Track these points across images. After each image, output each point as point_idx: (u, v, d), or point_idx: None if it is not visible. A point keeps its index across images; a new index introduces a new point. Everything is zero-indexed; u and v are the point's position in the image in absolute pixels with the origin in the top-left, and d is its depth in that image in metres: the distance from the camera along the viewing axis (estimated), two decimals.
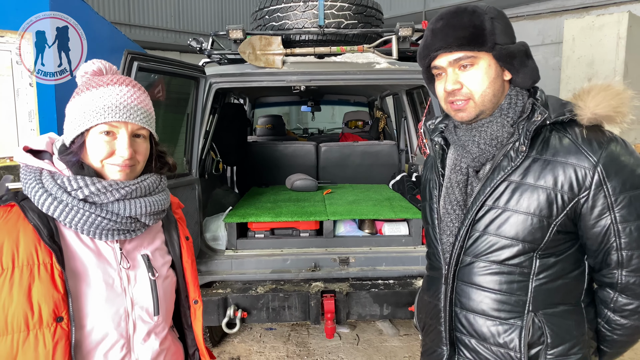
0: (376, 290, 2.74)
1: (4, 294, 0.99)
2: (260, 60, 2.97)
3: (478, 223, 1.17)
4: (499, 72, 1.15)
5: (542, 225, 1.10)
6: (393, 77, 3.07)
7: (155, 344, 1.19)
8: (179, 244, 1.29)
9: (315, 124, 8.65)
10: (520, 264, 1.14)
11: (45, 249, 1.02)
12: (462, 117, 1.17)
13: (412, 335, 3.66)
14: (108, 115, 1.05)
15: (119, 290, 1.12)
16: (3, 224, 1.03)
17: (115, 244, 1.14)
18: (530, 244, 1.12)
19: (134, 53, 2.23)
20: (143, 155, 1.13)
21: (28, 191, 1.06)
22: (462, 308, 1.23)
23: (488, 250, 1.16)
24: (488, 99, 1.14)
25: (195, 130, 2.90)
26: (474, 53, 1.12)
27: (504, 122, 1.16)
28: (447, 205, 1.24)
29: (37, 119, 3.63)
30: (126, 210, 1.08)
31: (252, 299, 2.70)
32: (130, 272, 1.15)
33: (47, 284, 1.01)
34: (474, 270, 1.19)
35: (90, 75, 1.13)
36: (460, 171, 1.24)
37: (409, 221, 3.13)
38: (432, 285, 1.35)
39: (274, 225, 3.11)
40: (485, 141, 1.17)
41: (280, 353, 3.42)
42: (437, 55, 1.15)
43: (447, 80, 1.15)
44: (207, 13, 12.97)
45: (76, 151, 1.08)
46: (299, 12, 3.24)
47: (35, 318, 1.00)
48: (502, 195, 1.14)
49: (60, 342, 1.01)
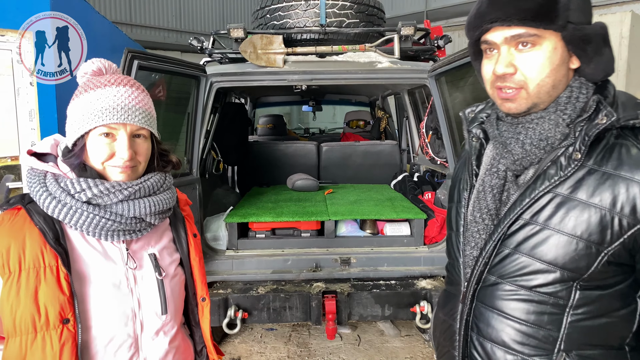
0: (378, 291, 2.73)
1: (12, 296, 1.01)
2: (261, 59, 2.96)
3: (510, 239, 0.99)
4: (565, 57, 0.94)
5: (589, 252, 0.91)
6: (395, 77, 3.06)
7: (164, 342, 1.19)
8: (187, 242, 1.30)
9: (317, 124, 8.65)
10: (555, 293, 0.95)
11: (51, 252, 1.03)
12: (510, 108, 0.98)
13: (413, 336, 3.65)
14: (106, 117, 1.05)
15: (126, 291, 1.13)
16: (10, 227, 1.04)
17: (122, 245, 1.14)
18: (570, 273, 0.93)
19: (134, 52, 2.22)
20: (144, 155, 1.13)
21: (33, 194, 1.07)
22: (480, 334, 1.06)
23: (517, 272, 0.98)
24: (545, 91, 0.95)
25: (196, 129, 2.89)
26: (539, 31, 0.91)
27: (558, 120, 0.95)
28: (476, 212, 1.07)
29: (37, 118, 3.63)
30: (130, 210, 1.09)
31: (253, 300, 2.69)
32: (137, 272, 1.16)
33: (53, 286, 1.02)
34: (498, 292, 1.01)
35: (90, 76, 1.12)
36: (496, 174, 1.05)
37: (410, 221, 3.12)
38: (448, 302, 1.18)
39: (275, 225, 3.11)
40: (532, 141, 0.97)
41: (281, 354, 3.40)
42: (492, 28, 0.95)
43: (498, 60, 0.96)
44: (209, 12, 12.97)
45: (78, 153, 1.08)
46: (300, 10, 3.23)
47: (42, 320, 1.01)
48: (543, 209, 0.95)
49: (67, 343, 1.03)
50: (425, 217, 3.06)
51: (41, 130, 3.62)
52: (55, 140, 1.17)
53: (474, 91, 2.39)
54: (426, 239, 3.07)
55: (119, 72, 1.17)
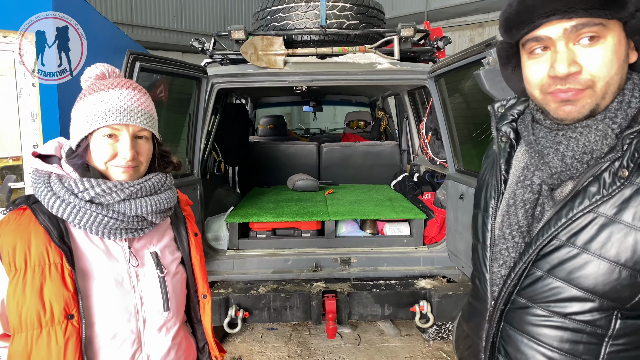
0: (377, 291, 2.75)
1: (18, 293, 1.04)
2: (262, 60, 2.98)
3: (542, 260, 0.89)
4: (627, 51, 0.83)
5: (633, 281, 0.81)
6: (394, 78, 3.08)
7: (166, 339, 1.22)
8: (188, 240, 1.33)
9: (317, 124, 8.67)
10: (593, 322, 0.86)
11: (56, 250, 1.06)
12: (571, 112, 0.84)
13: (413, 336, 3.66)
14: (109, 118, 1.08)
15: (128, 288, 1.16)
16: (15, 226, 1.07)
17: (124, 243, 1.17)
18: (611, 302, 0.83)
19: (136, 53, 2.25)
20: (146, 155, 1.16)
21: (38, 194, 1.09)
22: (508, 358, 0.98)
23: (551, 297, 0.89)
24: (612, 90, 0.82)
25: (197, 130, 2.91)
26: (604, 21, 0.79)
27: (607, 131, 0.83)
28: (506, 228, 0.97)
29: (39, 119, 3.65)
30: (132, 209, 1.12)
31: (254, 299, 2.71)
32: (139, 269, 1.18)
33: (58, 283, 1.05)
34: (528, 317, 0.93)
35: (93, 79, 1.15)
36: (530, 187, 0.94)
37: (410, 221, 3.14)
38: (473, 318, 1.09)
39: (275, 225, 3.13)
40: (574, 154, 0.86)
41: (282, 353, 3.42)
42: (548, 22, 0.81)
43: (557, 59, 0.82)
44: (209, 13, 13.01)
45: (81, 154, 1.11)
46: (300, 12, 3.24)
47: (47, 316, 1.04)
48: (582, 230, 0.84)
49: (72, 338, 1.06)
50: (424, 218, 3.08)
51: (43, 131, 3.64)
52: (59, 142, 1.20)
53: (473, 92, 2.40)
54: (426, 239, 3.09)
55: (122, 76, 1.20)
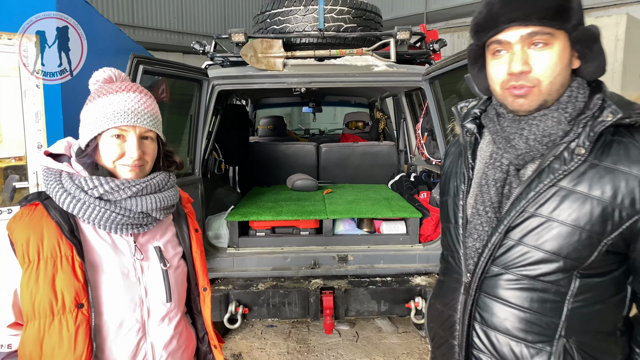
0: (374, 287, 2.80)
1: (31, 283, 1.10)
2: (261, 62, 3.04)
3: (514, 230, 1.02)
4: (570, 57, 0.99)
5: (590, 242, 0.96)
6: (391, 80, 3.14)
7: (169, 328, 1.29)
8: (189, 236, 1.39)
9: (317, 125, 8.70)
10: (557, 281, 0.99)
11: (67, 243, 1.12)
12: (522, 104, 1.00)
13: (410, 333, 3.72)
14: (118, 120, 1.15)
15: (134, 280, 1.23)
16: (29, 220, 1.13)
17: (130, 237, 1.24)
18: (572, 262, 0.97)
19: (140, 57, 2.32)
20: (151, 155, 1.23)
21: (50, 191, 1.16)
22: (483, 323, 1.08)
23: (521, 262, 1.02)
24: (555, 89, 0.99)
25: (199, 131, 2.97)
26: (553, 30, 0.95)
27: (560, 118, 1.00)
28: (479, 205, 1.09)
29: (43, 119, 3.70)
30: (138, 206, 1.18)
31: (253, 296, 2.77)
32: (143, 262, 1.25)
33: (69, 274, 1.11)
34: (501, 282, 1.05)
35: (101, 83, 1.22)
36: (499, 168, 1.07)
37: (406, 220, 3.19)
38: (446, 293, 1.20)
39: (274, 223, 3.18)
40: (535, 137, 1.01)
41: (281, 349, 3.48)
42: (507, 27, 0.97)
43: (513, 59, 0.98)
44: (210, 14, 13.05)
45: (91, 153, 1.18)
46: (299, 15, 3.30)
47: (59, 305, 1.11)
48: (547, 202, 0.98)
49: (82, 326, 1.12)
50: (420, 216, 3.13)
51: (47, 131, 3.69)
52: (69, 142, 1.26)
53: (466, 94, 2.47)
54: (421, 237, 3.14)
55: (128, 80, 1.26)
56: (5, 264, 1.14)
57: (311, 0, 3.29)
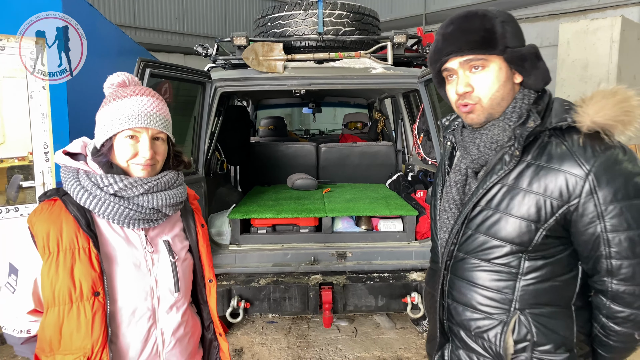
0: (371, 283, 2.88)
1: (52, 273, 1.19)
2: (262, 65, 3.13)
3: (471, 222, 1.20)
4: (509, 75, 1.15)
5: (530, 229, 1.11)
6: (388, 82, 3.22)
7: (177, 316, 1.38)
8: (195, 231, 1.48)
9: (317, 125, 8.77)
10: (508, 263, 1.15)
11: (84, 236, 1.21)
12: (472, 119, 1.18)
13: (407, 329, 3.79)
14: (132, 122, 1.23)
15: (145, 271, 1.31)
16: (48, 215, 1.22)
17: (141, 232, 1.32)
18: (518, 246, 1.13)
19: (147, 61, 2.41)
20: (162, 155, 1.31)
21: (68, 187, 1.25)
22: (454, 300, 1.27)
23: (478, 248, 1.19)
24: (497, 103, 1.15)
25: (202, 131, 3.06)
26: (485, 56, 1.13)
27: (505, 127, 1.16)
28: (445, 203, 1.29)
29: (49, 120, 3.77)
30: (149, 202, 1.27)
31: (255, 291, 2.85)
32: (154, 255, 1.34)
33: (86, 264, 1.20)
34: (465, 266, 1.23)
35: (116, 87, 1.30)
36: (459, 171, 1.27)
37: (403, 218, 3.27)
38: (432, 278, 1.43)
39: (275, 221, 3.26)
40: (485, 144, 1.18)
41: (282, 344, 3.55)
42: (449, 59, 1.16)
43: (458, 82, 1.17)
44: (211, 16, 13.11)
45: (106, 153, 1.26)
46: (299, 19, 3.39)
47: (77, 293, 1.19)
48: (494, 197, 1.15)
49: (98, 312, 1.21)
50: (416, 214, 3.21)
51: (53, 131, 3.76)
52: (84, 141, 1.35)
53: None
54: (418, 234, 3.21)
55: (140, 84, 1.35)
56: (25, 256, 1.23)
57: (311, 4, 3.38)
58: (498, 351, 1.18)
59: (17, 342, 1.32)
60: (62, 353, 1.22)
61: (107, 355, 1.21)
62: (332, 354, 3.41)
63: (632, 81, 6.40)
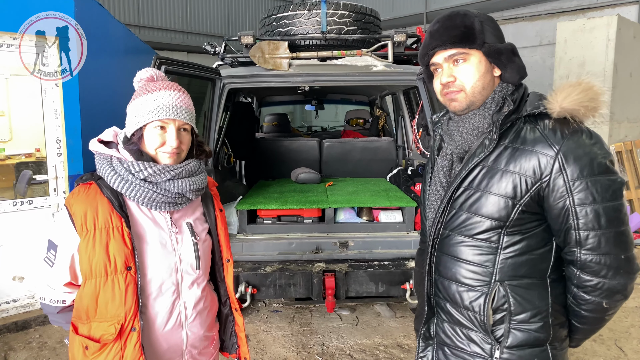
0: (372, 270, 3.01)
1: (89, 248, 1.31)
2: (268, 63, 3.26)
3: (456, 201, 1.29)
4: (488, 68, 1.26)
5: (507, 205, 1.21)
6: (388, 79, 3.34)
7: (197, 291, 1.50)
8: (215, 215, 1.59)
9: (320, 122, 8.86)
10: (489, 239, 1.25)
11: (117, 216, 1.33)
12: (455, 106, 1.28)
13: (407, 318, 3.88)
14: (161, 114, 1.35)
15: (170, 249, 1.43)
16: (85, 197, 1.35)
17: (167, 214, 1.44)
18: (497, 222, 1.22)
19: (162, 58, 2.55)
20: (187, 144, 1.43)
21: (102, 173, 1.37)
22: (440, 275, 1.36)
23: (462, 225, 1.28)
24: (478, 91, 1.26)
25: (212, 126, 3.19)
26: (466, 50, 1.24)
27: (485, 115, 1.26)
28: (433, 186, 1.39)
29: (62, 116, 3.89)
30: (175, 187, 1.38)
31: (261, 277, 2.99)
32: (178, 235, 1.46)
33: (120, 241, 1.32)
34: (451, 242, 1.31)
35: (145, 81, 1.43)
36: (445, 157, 1.37)
37: (403, 209, 3.39)
38: (420, 257, 1.53)
39: (280, 212, 3.38)
40: (467, 131, 1.29)
41: (286, 332, 3.65)
42: (434, 53, 1.28)
43: (442, 74, 1.28)
44: (214, 14, 13.18)
45: (136, 142, 1.38)
46: (303, 19, 3.51)
47: (112, 267, 1.32)
48: (476, 177, 1.25)
49: (130, 285, 1.34)
50: (415, 206, 3.33)
51: (66, 127, 3.87)
52: (115, 131, 1.47)
53: None
54: (416, 225, 3.33)
55: (166, 79, 1.47)
56: (63, 233, 1.35)
57: (315, 5, 3.50)
58: (482, 320, 1.27)
59: (54, 311, 1.45)
60: (98, 320, 1.35)
61: (138, 324, 1.34)
62: (334, 340, 3.51)
63: (628, 79, 6.51)
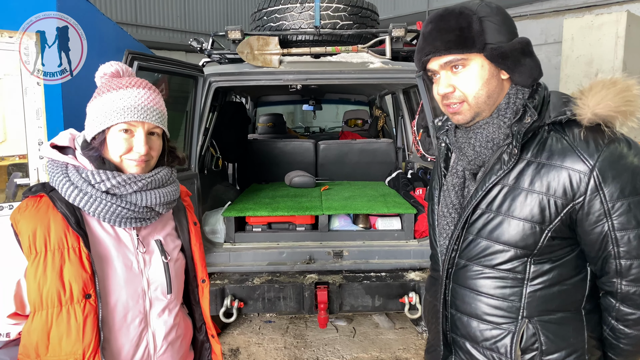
0: (368, 282, 2.83)
1: (39, 274, 1.11)
2: (257, 59, 3.07)
3: (472, 226, 1.14)
4: (493, 72, 1.09)
5: (534, 231, 1.05)
6: (386, 77, 3.16)
7: (169, 319, 1.32)
8: (188, 229, 1.41)
9: (320, 123, 8.74)
10: (513, 269, 1.10)
11: (74, 234, 1.13)
12: (459, 119, 1.13)
13: (407, 329, 3.74)
14: (127, 115, 1.16)
15: (137, 272, 1.25)
16: (35, 212, 1.14)
17: (133, 231, 1.26)
18: (523, 250, 1.08)
19: (135, 53, 2.35)
20: (157, 150, 1.24)
21: (55, 183, 1.17)
22: (457, 310, 1.20)
23: (481, 254, 1.13)
24: (482, 101, 1.09)
25: (195, 127, 3.01)
26: (464, 55, 1.07)
27: (500, 124, 1.10)
28: (444, 207, 1.22)
29: (44, 116, 3.75)
30: (143, 200, 1.20)
31: (249, 290, 2.81)
32: (145, 255, 1.27)
33: (77, 265, 1.13)
34: (468, 273, 1.16)
35: (109, 77, 1.23)
36: (456, 174, 1.21)
37: (401, 216, 3.22)
38: (432, 286, 1.35)
39: (271, 219, 3.22)
40: (480, 143, 1.13)
41: (278, 344, 3.51)
42: (429, 59, 1.12)
43: (439, 83, 1.13)
44: (212, 13, 13.11)
45: (98, 147, 1.18)
46: (296, 13, 3.34)
47: (67, 295, 1.12)
48: (495, 199, 1.09)
49: (90, 315, 1.14)
50: (415, 212, 3.16)
51: (48, 128, 3.74)
52: (72, 134, 1.26)
53: None
54: (416, 233, 3.16)
55: (134, 75, 1.27)
56: (7, 255, 1.15)
57: None
58: None
59: None
60: (50, 359, 1.15)
61: None
62: (329, 354, 3.37)
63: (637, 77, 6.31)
